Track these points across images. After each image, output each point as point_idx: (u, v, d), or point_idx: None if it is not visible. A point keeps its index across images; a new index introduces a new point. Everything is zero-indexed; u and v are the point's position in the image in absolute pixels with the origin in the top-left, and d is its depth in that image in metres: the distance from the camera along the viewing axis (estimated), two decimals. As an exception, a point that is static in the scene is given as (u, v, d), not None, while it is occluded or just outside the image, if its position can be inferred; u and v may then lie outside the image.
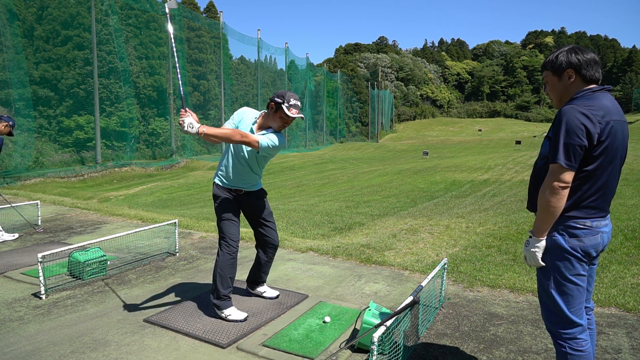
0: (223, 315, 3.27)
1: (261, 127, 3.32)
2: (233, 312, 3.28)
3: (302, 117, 3.39)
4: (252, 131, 3.29)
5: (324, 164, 28.12)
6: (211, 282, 4.05)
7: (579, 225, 1.97)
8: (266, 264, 3.64)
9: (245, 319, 3.24)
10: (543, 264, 2.06)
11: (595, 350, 2.27)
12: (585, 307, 2.20)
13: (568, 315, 2.02)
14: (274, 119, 3.27)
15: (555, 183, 1.92)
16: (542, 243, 2.03)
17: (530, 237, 2.08)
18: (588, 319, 2.20)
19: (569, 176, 1.91)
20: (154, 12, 29.05)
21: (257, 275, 3.67)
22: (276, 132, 3.30)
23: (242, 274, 4.28)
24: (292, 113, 3.24)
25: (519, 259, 4.69)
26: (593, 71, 2.01)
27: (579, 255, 1.98)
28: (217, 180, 3.44)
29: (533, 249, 2.04)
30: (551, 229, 2.03)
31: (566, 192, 1.93)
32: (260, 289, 3.72)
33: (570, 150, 1.88)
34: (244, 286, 3.84)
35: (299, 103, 3.28)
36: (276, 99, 3.24)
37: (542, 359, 2.74)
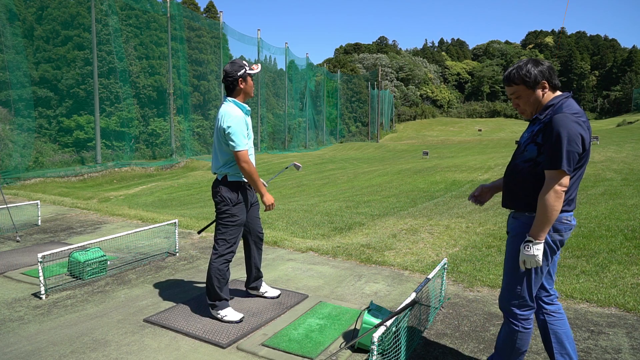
0: (219, 316, 3.23)
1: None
2: (229, 313, 3.24)
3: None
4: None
5: (324, 164, 28.11)
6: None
7: (563, 221, 2.17)
8: (259, 256, 3.62)
9: (241, 320, 3.20)
10: (542, 264, 2.19)
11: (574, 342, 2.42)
12: (550, 296, 2.40)
13: (527, 299, 2.25)
14: (246, 91, 3.23)
15: (558, 187, 2.07)
16: (542, 245, 2.13)
17: (530, 241, 2.13)
18: (555, 304, 2.40)
19: (568, 180, 2.08)
20: (154, 12, 29.05)
21: (257, 269, 3.63)
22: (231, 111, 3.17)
23: (241, 273, 4.28)
24: (255, 69, 3.23)
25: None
26: (557, 79, 2.22)
27: (556, 247, 2.21)
28: (234, 179, 3.21)
29: (535, 252, 2.12)
30: None
31: (565, 194, 2.10)
32: (261, 290, 3.70)
33: (571, 157, 2.05)
34: (244, 286, 3.83)
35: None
36: (238, 73, 3.15)
37: (542, 359, 2.74)
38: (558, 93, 2.22)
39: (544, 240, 2.12)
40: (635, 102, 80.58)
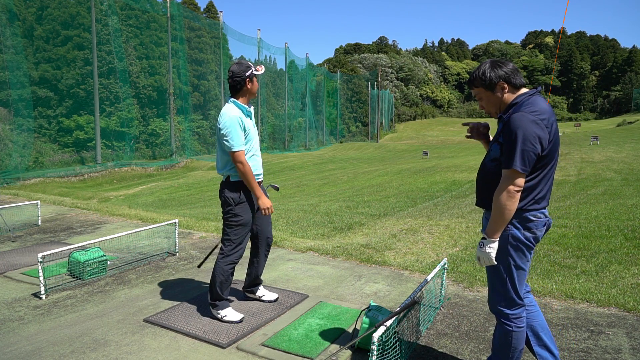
0: (219, 316, 3.24)
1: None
2: (229, 313, 3.24)
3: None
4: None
5: (324, 164, 28.13)
6: (211, 282, 4.00)
7: (534, 219, 2.16)
8: (264, 261, 3.57)
9: (241, 320, 3.21)
10: (496, 263, 2.20)
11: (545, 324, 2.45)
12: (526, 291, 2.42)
13: (515, 298, 2.25)
14: (251, 92, 3.24)
15: (511, 187, 2.07)
16: (496, 244, 2.17)
17: (484, 238, 2.19)
18: (527, 297, 2.42)
19: (522, 180, 2.08)
20: (154, 12, 29.06)
21: (256, 276, 3.59)
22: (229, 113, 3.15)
23: (240, 273, 4.28)
24: (260, 70, 3.23)
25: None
26: (519, 78, 2.22)
27: (531, 244, 2.20)
28: (236, 179, 3.20)
29: (488, 250, 2.16)
30: (509, 222, 2.18)
31: (519, 194, 2.09)
32: (258, 293, 3.65)
33: (526, 157, 2.04)
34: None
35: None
36: (246, 74, 3.15)
37: (542, 359, 2.73)
38: (523, 90, 2.22)
39: (497, 239, 2.15)
40: (635, 102, 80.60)
